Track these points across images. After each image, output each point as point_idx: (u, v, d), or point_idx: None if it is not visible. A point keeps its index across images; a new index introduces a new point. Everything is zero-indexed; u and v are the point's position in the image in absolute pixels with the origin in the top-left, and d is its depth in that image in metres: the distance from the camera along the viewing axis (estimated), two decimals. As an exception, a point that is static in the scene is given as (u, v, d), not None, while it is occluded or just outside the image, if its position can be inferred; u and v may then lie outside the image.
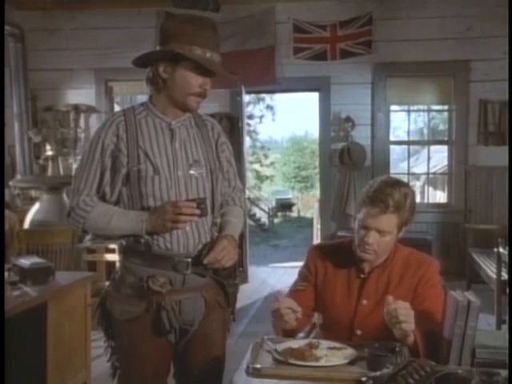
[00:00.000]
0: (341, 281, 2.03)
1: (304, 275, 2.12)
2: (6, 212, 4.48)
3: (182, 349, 1.99)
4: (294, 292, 2.08)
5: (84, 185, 1.91)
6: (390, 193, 1.91)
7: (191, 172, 1.93)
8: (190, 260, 1.91)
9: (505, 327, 4.07)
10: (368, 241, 1.92)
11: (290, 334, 1.95)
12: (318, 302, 2.06)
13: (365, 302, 1.98)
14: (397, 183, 1.97)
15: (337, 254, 2.07)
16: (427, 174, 8.39)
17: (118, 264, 4.65)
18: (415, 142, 8.38)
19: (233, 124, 6.42)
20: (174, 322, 1.89)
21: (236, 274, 2.02)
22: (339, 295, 2.02)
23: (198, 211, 1.82)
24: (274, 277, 6.74)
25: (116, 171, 1.89)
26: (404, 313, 1.68)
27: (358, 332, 1.97)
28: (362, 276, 2.02)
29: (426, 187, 12.46)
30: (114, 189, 1.91)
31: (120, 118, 1.92)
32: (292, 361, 1.70)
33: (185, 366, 2.02)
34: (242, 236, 2.36)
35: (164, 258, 1.90)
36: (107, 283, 2.10)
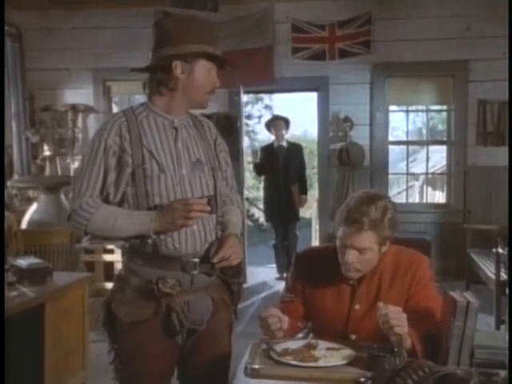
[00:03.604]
0: (330, 287, 2.00)
1: (290, 286, 2.11)
2: (5, 212, 4.46)
3: (189, 349, 1.98)
4: (282, 303, 2.06)
5: (86, 186, 1.88)
6: (365, 211, 1.86)
7: (194, 171, 1.93)
8: (197, 260, 1.90)
9: (504, 327, 4.07)
10: (348, 260, 1.89)
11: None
12: (309, 309, 2.05)
13: (357, 306, 1.97)
14: (373, 199, 1.91)
15: (324, 261, 2.03)
16: (426, 174, 8.39)
17: (116, 265, 4.64)
18: (414, 142, 8.36)
19: (231, 124, 6.39)
20: (185, 323, 1.89)
21: (240, 272, 2.03)
22: (330, 302, 2.00)
23: (208, 208, 1.82)
24: (273, 277, 6.72)
25: (120, 171, 1.88)
26: (396, 317, 1.66)
27: (353, 337, 1.96)
28: (352, 283, 1.99)
29: (424, 187, 12.42)
30: (118, 189, 1.89)
31: (121, 119, 1.91)
32: (290, 361, 1.70)
33: (191, 366, 2.01)
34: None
35: (172, 258, 1.88)
36: (105, 284, 2.10)
